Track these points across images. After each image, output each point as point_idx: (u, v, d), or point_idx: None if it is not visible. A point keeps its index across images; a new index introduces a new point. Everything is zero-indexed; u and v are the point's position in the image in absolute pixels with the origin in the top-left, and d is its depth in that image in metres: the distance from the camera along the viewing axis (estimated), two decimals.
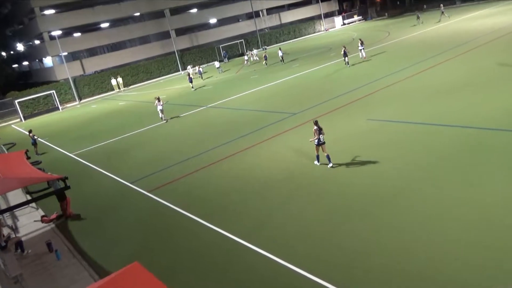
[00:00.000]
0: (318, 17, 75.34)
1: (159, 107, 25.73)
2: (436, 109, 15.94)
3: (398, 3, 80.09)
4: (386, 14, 73.44)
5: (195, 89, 36.00)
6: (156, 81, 52.63)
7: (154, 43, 60.18)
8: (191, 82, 36.38)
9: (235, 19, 70.90)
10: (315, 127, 12.61)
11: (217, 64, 46.77)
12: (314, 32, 71.83)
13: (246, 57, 47.46)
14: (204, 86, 37.04)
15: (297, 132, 16.94)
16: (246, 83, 33.36)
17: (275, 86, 28.90)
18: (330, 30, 72.80)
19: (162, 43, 59.27)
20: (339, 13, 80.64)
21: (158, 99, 26.08)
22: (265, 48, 61.79)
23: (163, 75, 55.74)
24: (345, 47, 31.15)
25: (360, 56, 31.53)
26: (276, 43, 66.56)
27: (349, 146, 14.15)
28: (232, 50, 61.67)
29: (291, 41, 67.79)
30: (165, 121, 24.98)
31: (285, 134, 17.02)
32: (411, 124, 14.90)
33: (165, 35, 59.60)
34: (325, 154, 12.83)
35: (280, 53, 40.93)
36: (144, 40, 62.36)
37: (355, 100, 19.86)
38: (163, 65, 55.80)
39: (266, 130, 18.29)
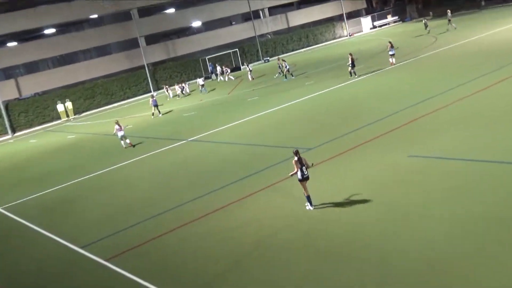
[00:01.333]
0: (339, 18, 77.42)
1: (119, 134, 27.41)
2: (507, 140, 15.93)
3: None
4: (430, 13, 74.91)
5: (162, 114, 37.95)
6: (119, 106, 53.47)
7: (116, 54, 61.62)
8: (155, 106, 37.92)
9: (226, 21, 72.77)
10: (296, 158, 13.67)
11: (200, 81, 47.58)
12: (334, 38, 73.53)
13: (249, 69, 48.72)
14: (184, 112, 37.43)
15: (317, 174, 16.86)
16: (241, 107, 33.77)
17: (281, 111, 29.22)
18: (355, 35, 74.55)
19: (127, 55, 60.60)
20: (367, 12, 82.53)
21: (118, 124, 27.68)
22: (267, 60, 63.01)
23: (128, 98, 56.74)
24: (351, 55, 34.40)
25: (392, 62, 35.43)
26: (283, 53, 67.97)
27: (379, 195, 13.98)
28: (223, 62, 62.76)
29: (302, 50, 69.32)
30: (132, 146, 27.68)
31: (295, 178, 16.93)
32: (472, 163, 14.80)
33: (131, 44, 61.06)
34: (306, 194, 14.03)
35: (285, 65, 42.02)
36: (103, 51, 63.85)
37: (392, 129, 19.94)
38: (128, 84, 56.86)
39: (269, 172, 18.22)
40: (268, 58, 64.21)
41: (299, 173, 13.83)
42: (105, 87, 55.34)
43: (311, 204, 14.13)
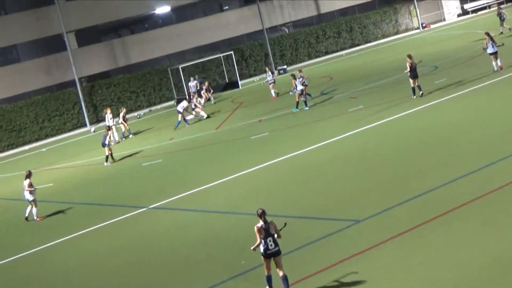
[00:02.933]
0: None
1: (28, 197, 28.92)
2: None
3: None
4: None
5: (113, 162, 38.36)
6: (34, 150, 53.77)
7: (27, 63, 62.17)
8: (105, 146, 38.08)
9: (214, 5, 73.79)
10: (260, 223, 15.11)
11: (179, 107, 46.59)
12: (397, 33, 74.23)
13: (270, 78, 49.70)
14: (144, 160, 37.47)
15: (368, 264, 16.70)
16: (239, 151, 33.95)
17: (306, 158, 29.34)
18: (431, 26, 75.06)
19: (46, 63, 61.25)
20: None
21: (28, 176, 29.15)
22: (284, 71, 63.30)
23: (48, 136, 57.25)
24: (411, 59, 35.46)
25: (495, 69, 36.89)
26: (309, 58, 68.65)
27: None
28: (209, 75, 63.27)
29: (343, 52, 69.86)
30: (38, 219, 28.90)
31: (342, 265, 16.78)
32: None
33: (52, 45, 61.73)
34: (280, 274, 15.23)
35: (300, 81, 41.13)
36: (4, 57, 64.47)
37: (499, 186, 19.87)
38: (48, 113, 57.38)
39: (295, 263, 18.03)
40: (285, 67, 64.73)
41: (261, 246, 15.22)
42: (8, 118, 55.76)
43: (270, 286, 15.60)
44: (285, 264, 17.18)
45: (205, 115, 47.21)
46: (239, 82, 61.48)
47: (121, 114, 46.41)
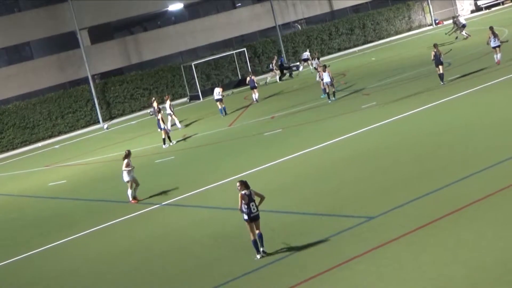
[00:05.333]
0: None
1: (125, 178, 28.36)
2: None
3: None
4: None
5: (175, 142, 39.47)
6: (48, 147, 54.16)
7: (40, 60, 62.33)
8: (161, 129, 39.75)
9: (226, 3, 73.77)
10: (244, 191, 18.15)
11: (217, 93, 46.25)
12: (410, 29, 74.11)
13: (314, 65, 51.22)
14: (157, 157, 37.66)
15: (376, 260, 16.76)
16: (252, 148, 34.14)
17: (320, 154, 29.47)
18: (445, 23, 74.82)
19: (58, 61, 61.43)
20: None
21: (127, 156, 28.31)
22: (297, 68, 63.26)
23: (62, 133, 57.64)
24: (436, 47, 37.33)
25: (496, 61, 38.31)
26: (322, 54, 68.61)
27: None
28: (222, 72, 63.33)
29: (356, 49, 69.87)
30: (132, 201, 28.41)
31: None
32: None
33: (65, 42, 61.91)
34: (257, 232, 18.32)
35: (313, 65, 43.25)
36: (17, 54, 64.62)
37: (505, 186, 19.83)
38: (61, 110, 57.70)
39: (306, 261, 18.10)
40: (298, 64, 64.75)
41: (244, 211, 18.06)
42: (21, 115, 56.13)
43: (258, 251, 18.38)
44: (300, 261, 17.30)
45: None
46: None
47: (167, 104, 45.51)
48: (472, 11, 77.48)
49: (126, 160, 28.21)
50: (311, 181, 25.77)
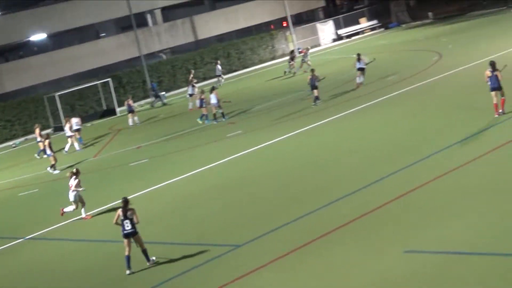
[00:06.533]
0: (281, 23, 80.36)
1: None
2: None
3: None
4: (429, 14, 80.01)
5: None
6: None
7: None
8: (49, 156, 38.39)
9: (91, 32, 73.07)
10: (121, 209, 19.90)
11: (76, 124, 45.82)
12: (274, 58, 75.35)
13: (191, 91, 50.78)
14: (21, 190, 36.66)
15: None
16: (118, 179, 33.97)
17: (186, 183, 29.57)
18: (309, 52, 76.50)
19: None
20: (328, 14, 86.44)
21: None
22: (162, 97, 62.85)
23: None
24: (313, 72, 39.53)
25: (358, 81, 41.41)
26: (187, 84, 68.56)
27: None
28: (87, 102, 62.57)
29: (222, 79, 70.17)
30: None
31: None
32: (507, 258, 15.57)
33: None
34: (141, 248, 19.90)
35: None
36: None
37: (374, 208, 20.51)
38: None
39: None
40: (164, 93, 64.62)
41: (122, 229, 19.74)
42: None
43: (129, 267, 19.57)
44: None
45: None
46: (117, 109, 60.65)
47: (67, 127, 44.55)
48: (334, 40, 79.82)
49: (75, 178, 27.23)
50: (178, 210, 25.80)
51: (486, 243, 16.48)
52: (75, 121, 45.18)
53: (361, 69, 42.45)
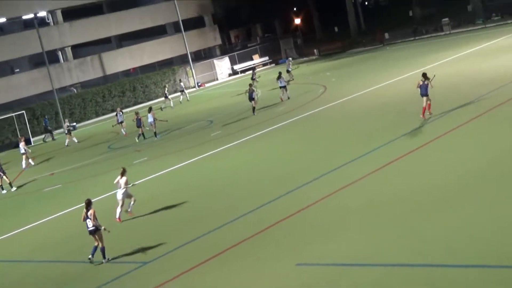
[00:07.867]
0: (183, 59, 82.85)
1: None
2: (426, 237, 18.22)
3: (336, 30, 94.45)
4: (315, 51, 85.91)
5: None
6: None
7: None
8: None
9: (5, 68, 73.32)
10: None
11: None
12: (176, 91, 76.61)
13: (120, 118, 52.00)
14: None
15: None
16: (30, 204, 34.23)
17: (99, 204, 29.30)
18: (206, 85, 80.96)
19: None
20: (224, 52, 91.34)
21: None
22: (73, 127, 63.21)
23: None
24: (251, 86, 43.75)
25: (282, 96, 48.44)
26: (97, 115, 70.27)
27: None
28: (3, 133, 62.92)
29: (127, 110, 71.27)
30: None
31: None
32: (382, 268, 16.89)
33: None
34: (99, 246, 21.54)
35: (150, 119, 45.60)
36: None
37: (268, 226, 21.83)
38: None
39: None
40: (75, 124, 65.61)
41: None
42: None
43: (92, 254, 21.54)
44: None
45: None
46: (31, 139, 61.67)
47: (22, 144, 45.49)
48: (230, 74, 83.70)
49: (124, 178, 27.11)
50: (84, 231, 25.36)
51: (364, 256, 17.86)
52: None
53: (283, 87, 48.55)
